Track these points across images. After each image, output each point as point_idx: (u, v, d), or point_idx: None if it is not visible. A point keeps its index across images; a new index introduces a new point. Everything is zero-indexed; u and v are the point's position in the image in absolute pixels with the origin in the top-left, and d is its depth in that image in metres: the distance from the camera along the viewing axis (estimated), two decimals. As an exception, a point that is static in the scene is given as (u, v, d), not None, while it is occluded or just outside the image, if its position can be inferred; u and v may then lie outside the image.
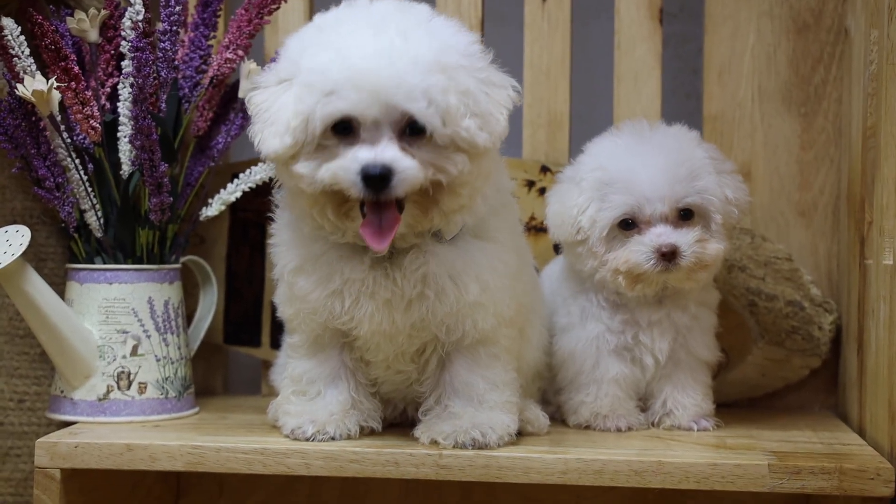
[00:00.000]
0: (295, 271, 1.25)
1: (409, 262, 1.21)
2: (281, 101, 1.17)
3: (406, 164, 1.13)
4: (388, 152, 1.13)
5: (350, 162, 1.14)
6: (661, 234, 1.32)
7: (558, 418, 1.44)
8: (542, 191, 1.59)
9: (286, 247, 1.26)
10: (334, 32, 1.16)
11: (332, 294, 1.23)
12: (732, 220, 1.37)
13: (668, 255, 1.31)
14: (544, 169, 1.60)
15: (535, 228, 1.58)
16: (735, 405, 1.56)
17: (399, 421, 1.37)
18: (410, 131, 1.15)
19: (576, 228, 1.36)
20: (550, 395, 1.46)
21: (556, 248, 1.54)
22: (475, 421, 1.25)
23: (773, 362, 1.54)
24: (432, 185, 1.15)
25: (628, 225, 1.34)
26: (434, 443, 1.25)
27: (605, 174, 1.35)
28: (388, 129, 1.14)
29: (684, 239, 1.32)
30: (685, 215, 1.34)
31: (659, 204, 1.32)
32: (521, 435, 1.30)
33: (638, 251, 1.32)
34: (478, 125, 1.15)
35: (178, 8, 1.44)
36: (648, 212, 1.33)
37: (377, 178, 1.12)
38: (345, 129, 1.15)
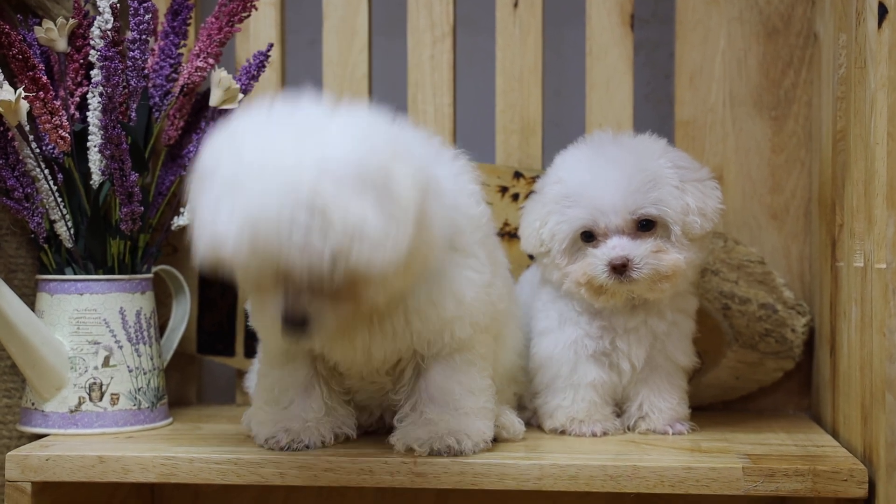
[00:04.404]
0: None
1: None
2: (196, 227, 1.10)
3: (318, 313, 1.09)
4: (298, 304, 1.08)
5: (270, 312, 1.10)
6: (616, 247, 1.32)
7: (534, 424, 1.43)
8: (516, 196, 1.59)
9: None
10: (216, 181, 1.07)
11: None
12: (696, 230, 1.34)
13: (619, 268, 1.31)
14: (517, 175, 1.60)
15: (509, 234, 1.59)
16: (709, 408, 1.56)
17: (376, 427, 1.36)
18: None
19: (539, 241, 1.37)
20: (527, 401, 1.46)
21: (532, 256, 1.54)
22: (450, 427, 1.24)
23: (746, 365, 1.55)
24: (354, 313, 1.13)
25: (589, 237, 1.35)
26: (409, 450, 1.24)
27: (563, 187, 1.36)
28: (294, 279, 1.07)
29: (638, 251, 1.32)
30: (645, 226, 1.34)
31: (613, 216, 1.32)
32: (496, 441, 1.30)
33: (593, 264, 1.33)
34: (367, 254, 1.04)
35: (147, 16, 1.43)
36: (603, 224, 1.33)
37: (294, 334, 1.11)
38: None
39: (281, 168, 1.04)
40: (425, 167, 1.12)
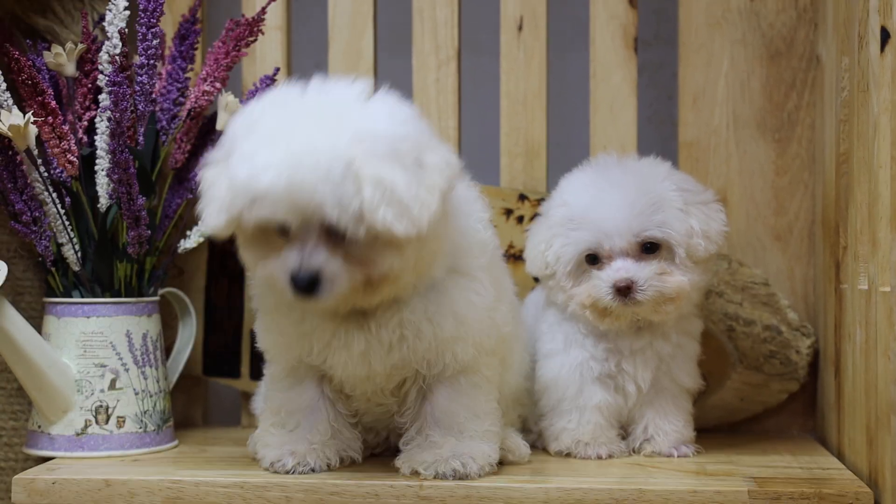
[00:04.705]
0: (272, 310, 1.26)
1: (382, 311, 1.21)
2: (219, 182, 1.15)
3: (332, 271, 1.12)
4: (315, 258, 1.12)
5: (280, 267, 1.14)
6: (620, 269, 1.33)
7: (539, 446, 1.43)
8: (521, 219, 1.60)
9: (261, 288, 1.27)
10: (255, 133, 1.13)
11: (303, 336, 1.23)
12: (700, 252, 1.35)
13: (624, 290, 1.32)
14: (522, 197, 1.61)
15: (514, 257, 1.59)
16: (714, 430, 1.56)
17: (382, 448, 1.37)
18: (335, 232, 1.12)
19: (544, 264, 1.38)
20: (532, 423, 1.46)
21: (537, 278, 1.54)
22: (456, 451, 1.24)
23: (751, 387, 1.55)
24: (364, 281, 1.14)
25: (594, 259, 1.35)
26: (415, 473, 1.24)
27: (567, 210, 1.36)
28: (315, 230, 1.12)
29: (642, 273, 1.33)
30: (649, 248, 1.34)
31: (617, 238, 1.33)
32: (501, 464, 1.30)
33: (597, 286, 1.34)
34: (394, 214, 1.09)
35: (155, 41, 1.44)
36: (608, 246, 1.34)
37: (305, 288, 1.13)
38: (280, 229, 1.14)
39: (323, 126, 1.10)
40: (451, 158, 1.17)
